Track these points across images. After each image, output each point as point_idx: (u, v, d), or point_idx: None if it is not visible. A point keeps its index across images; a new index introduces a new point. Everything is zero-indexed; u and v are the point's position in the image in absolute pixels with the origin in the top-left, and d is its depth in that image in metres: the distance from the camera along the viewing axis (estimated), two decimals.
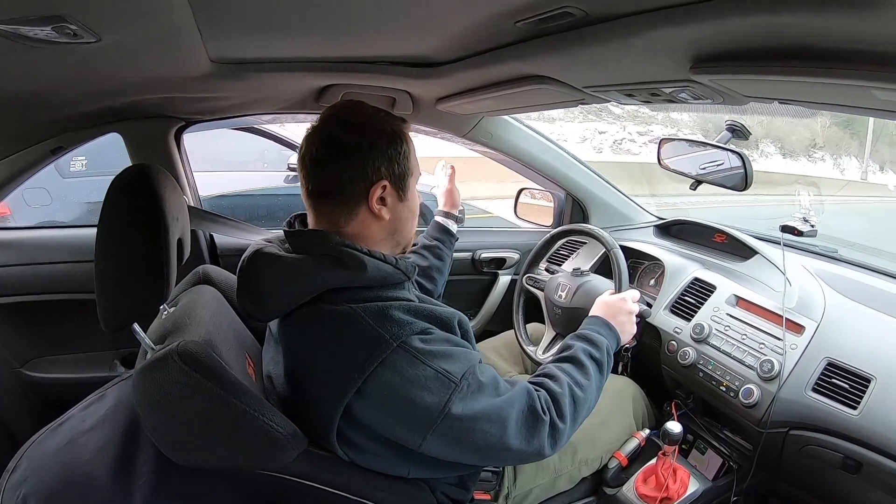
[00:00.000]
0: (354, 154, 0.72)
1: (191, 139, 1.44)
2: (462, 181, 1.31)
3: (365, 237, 0.75)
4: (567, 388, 0.80)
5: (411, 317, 0.71)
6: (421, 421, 0.69)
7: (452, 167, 1.29)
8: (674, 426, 1.05)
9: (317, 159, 0.73)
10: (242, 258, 0.76)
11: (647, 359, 1.29)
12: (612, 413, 1.12)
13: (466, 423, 0.69)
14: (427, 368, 0.68)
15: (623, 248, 1.25)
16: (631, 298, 1.04)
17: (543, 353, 1.25)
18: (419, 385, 0.67)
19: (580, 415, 0.81)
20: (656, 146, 1.33)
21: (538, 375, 0.83)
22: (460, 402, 0.69)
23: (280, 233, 0.80)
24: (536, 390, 0.77)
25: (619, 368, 1.28)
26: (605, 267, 1.34)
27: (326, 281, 0.71)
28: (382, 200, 0.75)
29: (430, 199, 3.53)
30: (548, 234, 1.40)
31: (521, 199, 1.85)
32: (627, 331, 1.00)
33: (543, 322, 1.34)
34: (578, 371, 0.84)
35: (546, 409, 0.75)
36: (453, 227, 1.24)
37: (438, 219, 1.25)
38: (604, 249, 1.28)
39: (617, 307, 1.00)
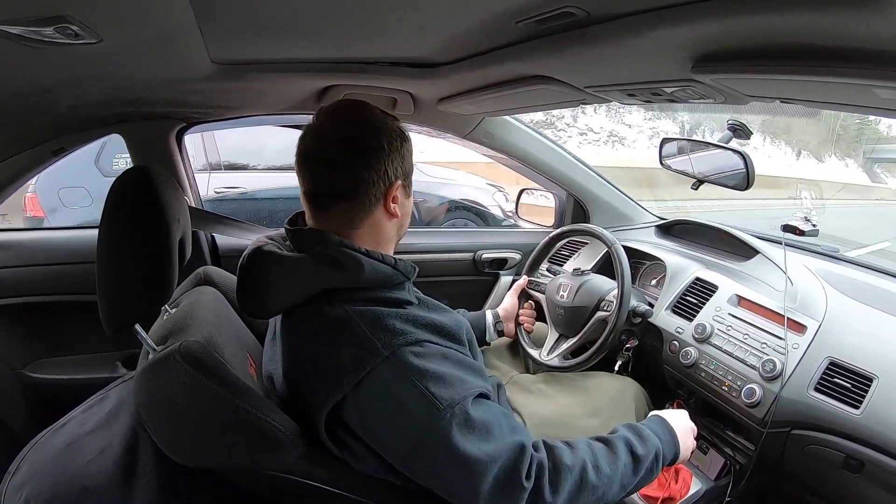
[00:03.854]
0: (374, 155, 0.71)
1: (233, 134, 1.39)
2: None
3: (376, 235, 0.76)
4: (580, 464, 0.70)
5: (409, 326, 0.69)
6: (396, 440, 0.66)
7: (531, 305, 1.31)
8: None
9: (331, 161, 0.71)
10: (243, 255, 0.76)
11: (648, 359, 1.29)
12: (614, 413, 1.12)
13: (441, 457, 0.64)
14: (413, 388, 0.64)
15: (624, 248, 1.24)
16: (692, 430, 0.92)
17: (548, 355, 1.25)
18: (401, 403, 0.64)
19: (582, 499, 0.70)
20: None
21: (559, 439, 0.75)
22: (441, 431, 0.63)
23: (283, 231, 0.80)
24: (535, 451, 0.69)
25: (620, 368, 1.28)
26: (606, 267, 1.34)
27: (324, 281, 0.71)
28: (395, 199, 0.75)
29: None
30: (548, 236, 1.40)
31: (522, 200, 1.86)
32: (688, 446, 0.88)
33: (545, 322, 1.33)
34: (607, 455, 0.74)
35: (531, 475, 0.67)
36: (493, 337, 1.24)
37: (489, 319, 1.24)
38: (605, 249, 1.28)
39: (686, 427, 0.90)
